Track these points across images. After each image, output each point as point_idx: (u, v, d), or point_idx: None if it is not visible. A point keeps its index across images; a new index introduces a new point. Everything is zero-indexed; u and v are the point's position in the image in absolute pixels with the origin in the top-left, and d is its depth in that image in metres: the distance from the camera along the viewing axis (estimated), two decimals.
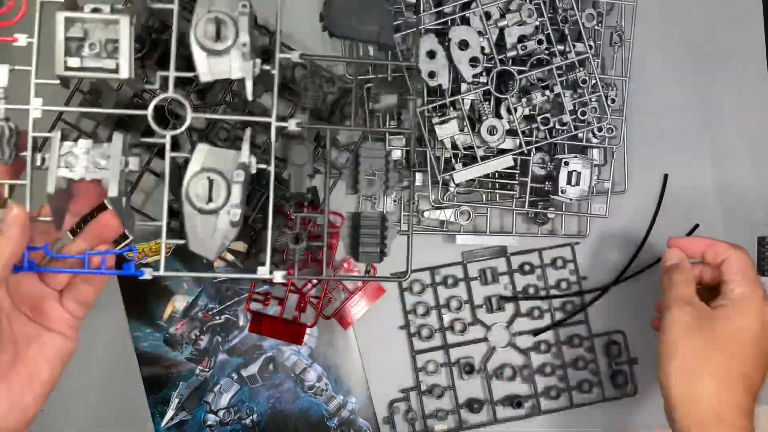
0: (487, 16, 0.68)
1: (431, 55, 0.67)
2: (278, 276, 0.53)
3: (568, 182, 0.69)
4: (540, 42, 0.68)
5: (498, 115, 0.69)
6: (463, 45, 0.67)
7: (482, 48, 0.67)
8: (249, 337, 0.73)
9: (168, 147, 0.53)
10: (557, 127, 0.70)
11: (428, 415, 0.74)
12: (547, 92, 0.69)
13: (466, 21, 0.68)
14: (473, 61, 0.67)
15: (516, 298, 0.75)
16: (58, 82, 0.52)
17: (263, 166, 0.53)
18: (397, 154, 0.71)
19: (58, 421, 0.72)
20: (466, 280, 0.76)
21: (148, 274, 0.53)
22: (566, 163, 0.69)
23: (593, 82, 0.70)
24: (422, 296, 0.76)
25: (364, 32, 0.57)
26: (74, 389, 0.72)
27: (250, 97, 0.53)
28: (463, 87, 0.68)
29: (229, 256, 0.71)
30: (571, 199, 0.69)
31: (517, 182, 0.72)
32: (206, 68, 0.52)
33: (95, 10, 0.50)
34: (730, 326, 0.60)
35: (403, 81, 0.67)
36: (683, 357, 0.60)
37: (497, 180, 0.72)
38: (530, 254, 0.76)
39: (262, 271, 0.53)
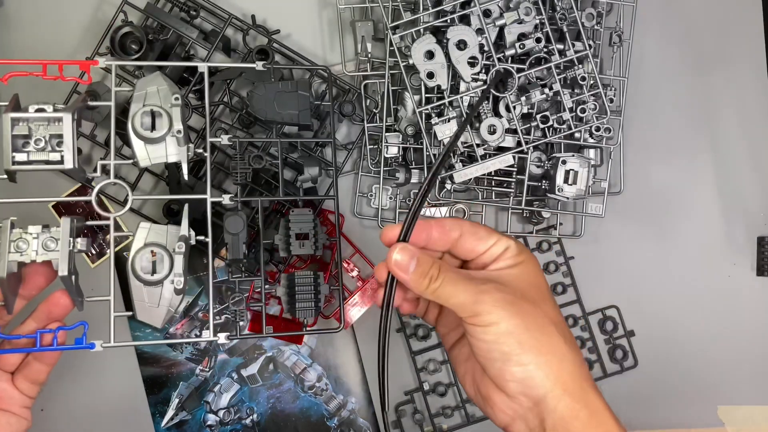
0: (487, 14, 0.68)
1: (429, 55, 0.67)
2: (222, 337, 0.59)
3: (566, 181, 0.69)
4: (539, 40, 0.68)
5: (497, 114, 0.69)
6: (462, 45, 0.67)
7: (481, 46, 0.67)
8: None
9: (112, 229, 0.57)
10: (555, 125, 0.70)
11: (434, 414, 0.74)
12: (546, 90, 0.69)
13: (465, 19, 0.68)
14: (471, 60, 0.67)
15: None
16: (5, 176, 0.55)
17: (201, 238, 0.58)
18: (393, 151, 0.71)
19: (58, 421, 0.72)
20: None
21: (98, 346, 0.56)
22: (564, 162, 0.69)
23: (592, 81, 0.70)
24: None
25: (285, 116, 0.63)
26: (74, 389, 0.72)
27: (185, 179, 0.59)
28: (462, 86, 0.69)
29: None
30: (567, 198, 0.69)
31: (513, 180, 0.72)
32: (144, 154, 0.57)
33: (39, 110, 0.54)
34: (527, 280, 0.52)
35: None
36: (535, 337, 0.50)
37: (494, 178, 0.73)
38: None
39: (206, 335, 0.59)
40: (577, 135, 0.71)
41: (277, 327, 0.71)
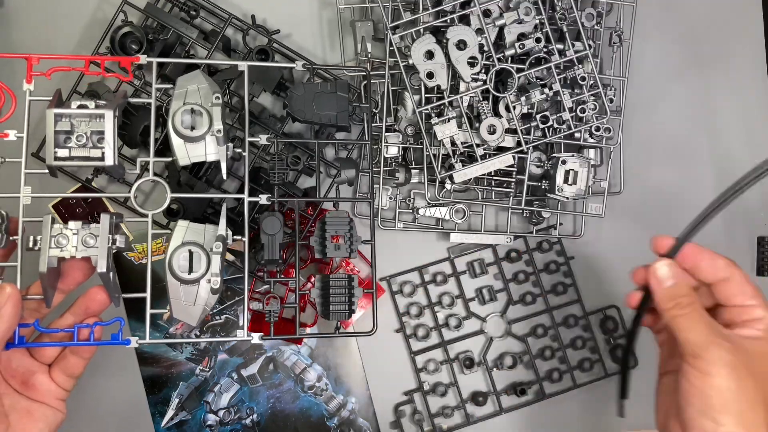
0: (486, 14, 0.68)
1: (429, 55, 0.67)
2: (255, 337, 0.59)
3: (565, 181, 0.69)
4: (538, 40, 0.68)
5: (497, 114, 0.69)
6: (461, 45, 0.67)
7: (481, 46, 0.67)
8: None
9: (150, 226, 0.58)
10: (555, 125, 0.70)
11: (434, 414, 0.74)
12: (546, 90, 0.69)
13: (465, 19, 0.68)
14: (471, 60, 0.67)
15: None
16: (46, 171, 0.56)
17: (239, 237, 0.59)
18: (393, 151, 0.71)
19: None
20: (455, 275, 0.76)
21: (134, 342, 0.57)
22: (563, 162, 0.69)
23: (591, 81, 0.70)
24: (414, 297, 0.76)
25: (324, 117, 0.64)
26: (74, 388, 0.72)
27: (224, 177, 0.59)
28: (462, 86, 0.69)
29: (230, 256, 0.71)
30: (567, 198, 0.69)
31: (513, 180, 0.72)
32: (184, 153, 0.57)
33: (81, 107, 0.55)
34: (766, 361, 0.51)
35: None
36: (742, 409, 0.49)
37: (493, 178, 0.73)
38: (516, 241, 0.76)
39: (240, 334, 0.59)
40: (577, 135, 0.72)
41: (277, 327, 0.71)
